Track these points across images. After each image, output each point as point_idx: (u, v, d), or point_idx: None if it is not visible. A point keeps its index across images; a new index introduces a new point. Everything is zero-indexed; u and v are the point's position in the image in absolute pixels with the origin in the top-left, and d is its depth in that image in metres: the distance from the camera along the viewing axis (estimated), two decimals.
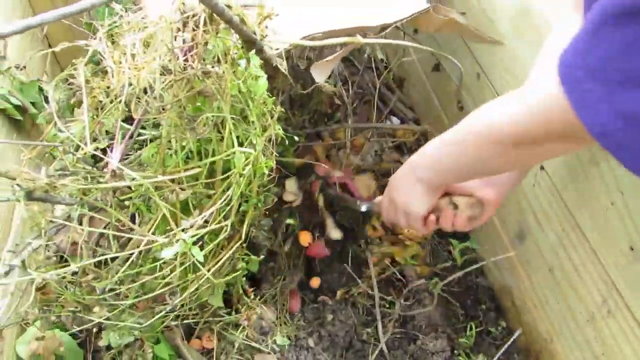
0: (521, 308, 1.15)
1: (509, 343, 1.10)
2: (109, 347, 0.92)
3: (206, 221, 0.74)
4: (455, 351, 1.14)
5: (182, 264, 0.73)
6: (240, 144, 0.76)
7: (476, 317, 1.21)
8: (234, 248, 0.77)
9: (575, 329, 0.96)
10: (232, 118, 0.72)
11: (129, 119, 0.78)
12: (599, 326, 0.89)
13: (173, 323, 0.95)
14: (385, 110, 1.62)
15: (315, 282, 1.18)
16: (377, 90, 1.51)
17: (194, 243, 0.74)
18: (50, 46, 1.36)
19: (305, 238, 1.15)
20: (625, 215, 0.80)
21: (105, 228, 0.70)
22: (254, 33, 0.68)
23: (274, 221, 1.12)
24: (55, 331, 0.88)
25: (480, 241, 1.30)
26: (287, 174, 1.18)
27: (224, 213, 0.70)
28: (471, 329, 1.17)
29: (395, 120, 1.64)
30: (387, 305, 1.18)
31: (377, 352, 1.08)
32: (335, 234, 1.20)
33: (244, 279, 0.94)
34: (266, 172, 0.76)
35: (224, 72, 0.64)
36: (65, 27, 1.26)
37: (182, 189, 0.72)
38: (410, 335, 1.15)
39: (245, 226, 0.77)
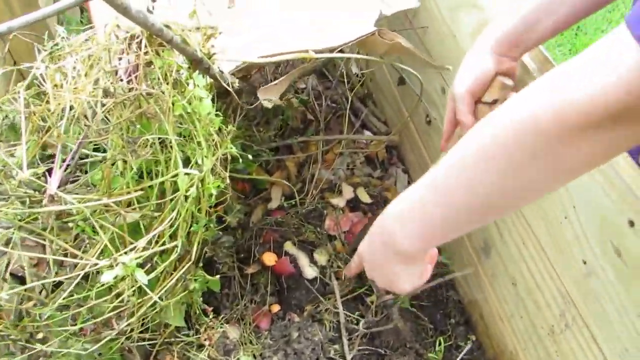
0: (489, 321, 1.15)
1: (461, 355, 1.10)
2: None
3: (155, 242, 0.74)
4: None
5: (130, 287, 0.73)
6: (190, 165, 0.75)
7: (445, 332, 1.20)
8: (183, 269, 0.76)
9: (537, 342, 0.96)
10: (179, 139, 0.71)
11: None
12: (558, 339, 0.88)
13: (132, 345, 0.93)
14: (358, 123, 1.62)
15: (274, 308, 1.17)
16: (349, 103, 1.51)
17: (142, 265, 0.74)
18: (15, 63, 1.35)
19: (269, 258, 1.14)
20: (577, 229, 0.80)
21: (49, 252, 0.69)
22: (197, 52, 0.68)
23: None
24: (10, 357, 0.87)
25: (449, 256, 1.30)
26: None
27: (168, 234, 0.69)
28: (440, 343, 1.17)
29: (367, 134, 1.65)
30: (355, 322, 1.17)
31: None
32: (309, 272, 1.19)
33: (200, 299, 0.92)
34: (214, 192, 0.75)
35: (163, 92, 0.64)
36: (28, 43, 1.25)
37: (128, 212, 0.71)
38: (379, 352, 1.14)
39: (195, 247, 0.76)
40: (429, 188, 0.57)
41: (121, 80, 0.68)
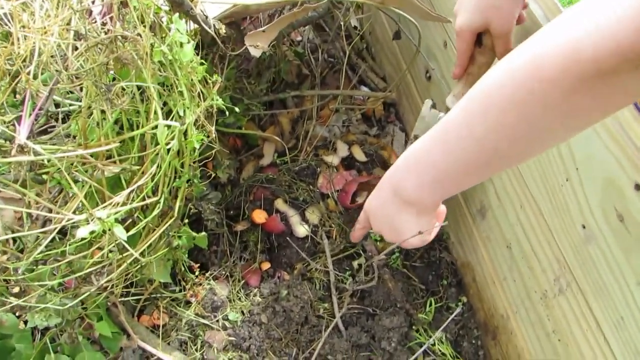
0: (481, 284, 1.13)
1: (448, 321, 1.09)
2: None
3: (136, 197, 0.70)
4: (414, 327, 1.12)
5: (111, 242, 0.70)
6: (171, 117, 0.71)
7: (437, 293, 1.19)
8: (166, 225, 0.73)
9: (529, 306, 0.94)
10: (159, 87, 0.66)
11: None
12: (551, 304, 0.87)
13: (118, 300, 0.92)
14: (355, 79, 1.56)
15: (264, 265, 1.15)
16: (346, 57, 1.45)
17: (123, 221, 0.70)
18: None
19: (259, 216, 1.11)
20: (579, 192, 0.77)
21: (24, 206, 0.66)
22: None
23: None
24: None
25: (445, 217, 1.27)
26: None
27: (147, 189, 0.66)
28: (431, 304, 1.16)
29: (365, 90, 1.59)
30: (345, 281, 1.16)
31: (331, 327, 1.06)
32: (300, 231, 1.16)
33: (186, 256, 0.90)
34: (197, 146, 0.71)
35: (140, 35, 0.59)
36: None
37: (106, 165, 0.67)
38: (368, 311, 1.13)
39: (178, 202, 0.73)
40: (437, 138, 0.56)
41: (95, 21, 0.62)
